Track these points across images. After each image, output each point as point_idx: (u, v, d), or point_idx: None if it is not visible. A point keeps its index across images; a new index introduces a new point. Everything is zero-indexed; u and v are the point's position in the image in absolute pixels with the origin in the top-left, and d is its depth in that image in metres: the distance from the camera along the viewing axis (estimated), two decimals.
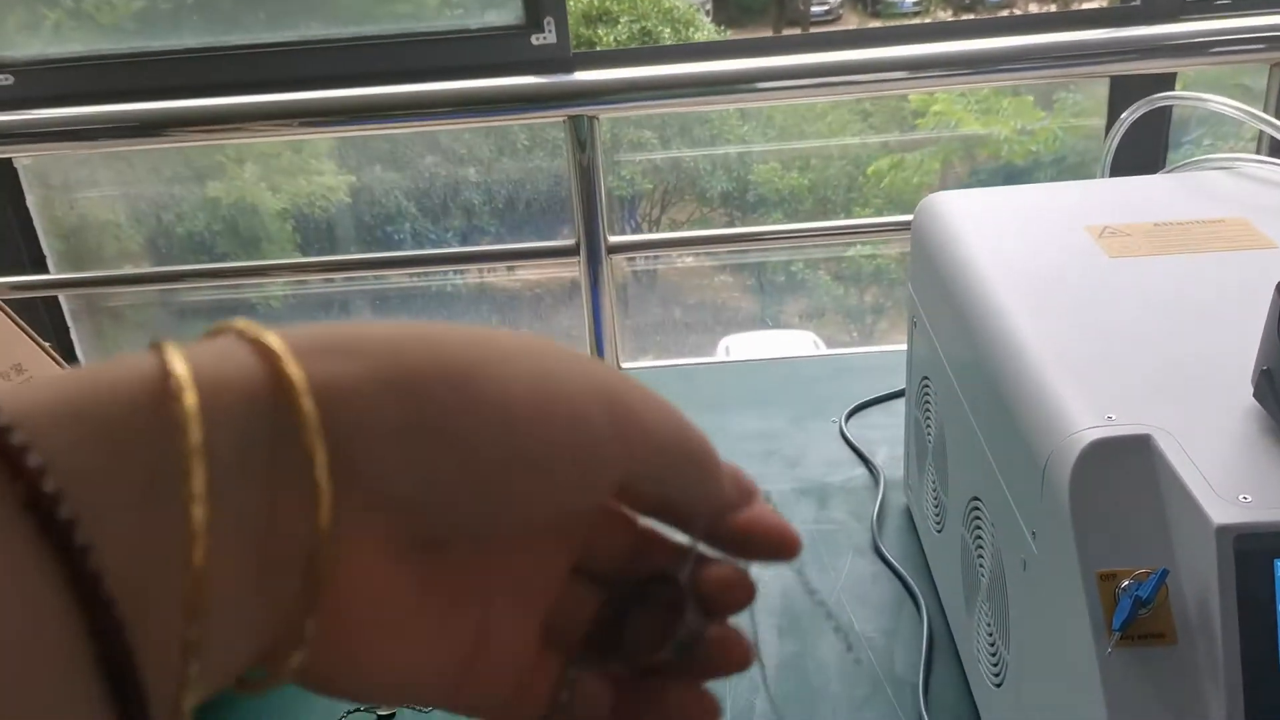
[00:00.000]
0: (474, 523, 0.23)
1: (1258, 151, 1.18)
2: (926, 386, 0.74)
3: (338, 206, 2.64)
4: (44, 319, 1.53)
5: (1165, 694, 0.41)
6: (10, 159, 1.46)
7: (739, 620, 0.29)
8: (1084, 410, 0.47)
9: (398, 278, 2.57)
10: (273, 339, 0.21)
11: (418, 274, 2.52)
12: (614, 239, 1.39)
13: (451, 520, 0.22)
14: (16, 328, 0.88)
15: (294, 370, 0.21)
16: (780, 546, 0.29)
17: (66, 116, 1.33)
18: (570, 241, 1.40)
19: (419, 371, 0.22)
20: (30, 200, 1.52)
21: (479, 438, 0.22)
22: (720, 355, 3.08)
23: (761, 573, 0.80)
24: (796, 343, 3.34)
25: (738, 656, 0.28)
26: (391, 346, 0.22)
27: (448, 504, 0.22)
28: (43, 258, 1.52)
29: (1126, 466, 0.45)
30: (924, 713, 0.65)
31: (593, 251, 1.38)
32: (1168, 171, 0.78)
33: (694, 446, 0.27)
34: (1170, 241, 0.62)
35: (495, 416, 0.22)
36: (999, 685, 0.59)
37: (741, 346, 3.24)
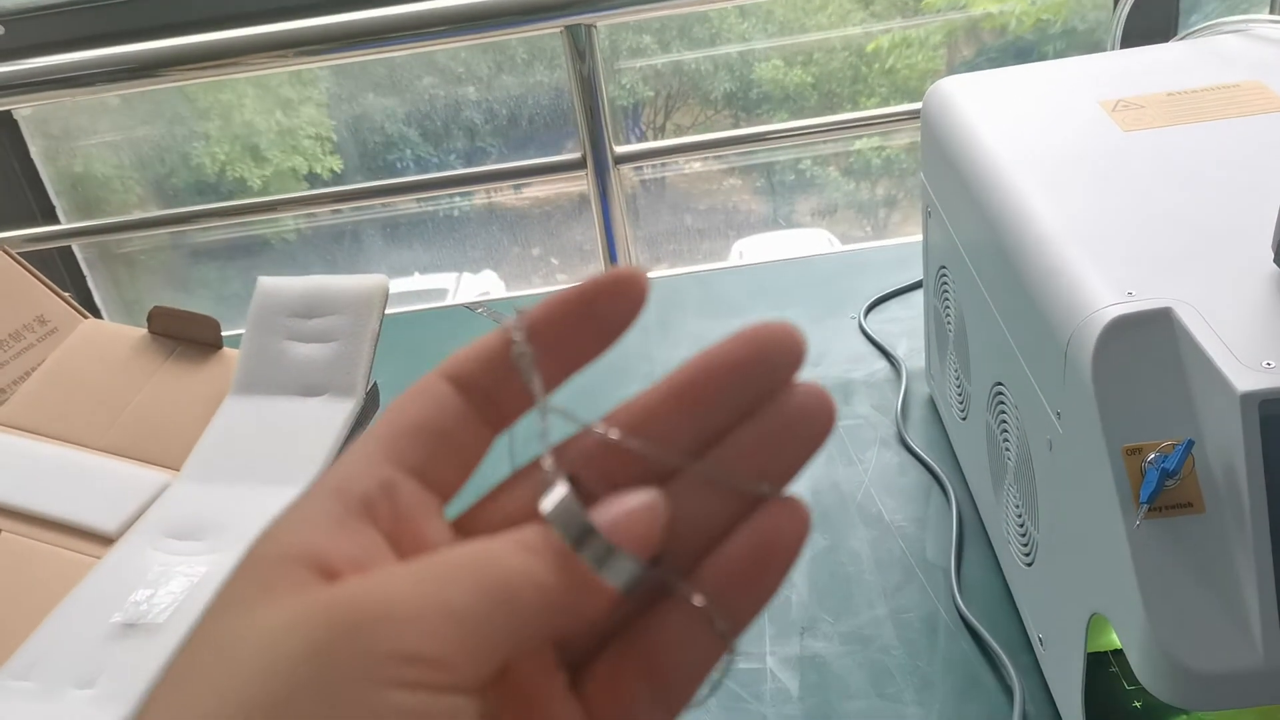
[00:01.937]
0: None
1: (1271, 11, 1.15)
2: (944, 275, 0.73)
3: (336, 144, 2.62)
4: (60, 270, 1.54)
5: (1195, 562, 0.42)
6: (10, 111, 1.45)
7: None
8: (1104, 287, 0.47)
9: (406, 204, 2.55)
10: None
11: (426, 199, 2.51)
12: (620, 149, 1.38)
13: None
14: (36, 280, 0.89)
15: None
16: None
17: (62, 64, 1.32)
18: (576, 155, 1.38)
19: None
20: (34, 151, 1.52)
21: None
22: (734, 259, 3.07)
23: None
24: (810, 242, 3.31)
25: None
26: None
27: None
28: (52, 208, 1.51)
29: (1149, 341, 0.45)
30: (956, 595, 0.66)
31: (599, 163, 1.37)
32: (1180, 38, 0.76)
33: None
34: (1185, 111, 0.61)
35: None
36: (1030, 565, 0.60)
37: (755, 249, 3.22)
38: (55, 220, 1.51)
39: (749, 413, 0.24)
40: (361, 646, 0.18)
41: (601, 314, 0.23)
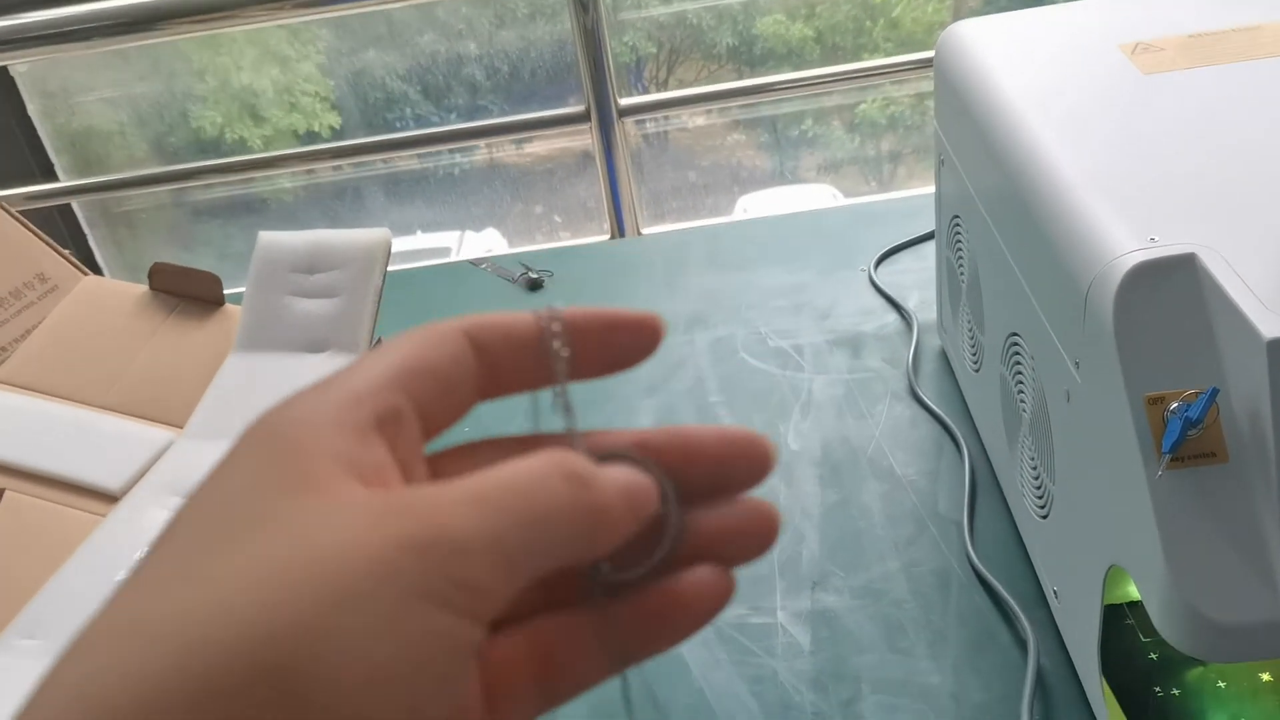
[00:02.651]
0: None
1: None
2: (957, 225, 0.72)
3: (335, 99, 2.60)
4: (60, 228, 1.52)
5: (1218, 513, 0.41)
6: (6, 67, 1.43)
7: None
8: (1125, 233, 0.46)
9: (408, 162, 2.53)
10: None
11: (427, 155, 2.49)
12: (625, 101, 1.36)
13: None
14: (35, 237, 0.87)
15: None
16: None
17: (57, 18, 1.30)
18: (580, 108, 1.37)
19: (222, 682, 0.17)
20: (31, 109, 1.50)
21: None
22: (739, 215, 3.05)
23: (798, 425, 0.80)
24: (815, 197, 3.29)
25: (760, 535, 0.25)
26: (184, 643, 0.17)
27: None
28: (51, 166, 1.50)
29: (1172, 288, 0.44)
30: (969, 548, 0.66)
31: (604, 116, 1.35)
32: None
33: (541, 512, 0.21)
34: (1207, 52, 0.60)
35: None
36: (1045, 517, 0.59)
37: (759, 204, 3.20)
38: (54, 178, 1.50)
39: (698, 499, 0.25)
40: (433, 568, 0.18)
41: (623, 344, 0.25)
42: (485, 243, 3.01)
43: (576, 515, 0.21)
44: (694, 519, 0.25)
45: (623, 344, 0.25)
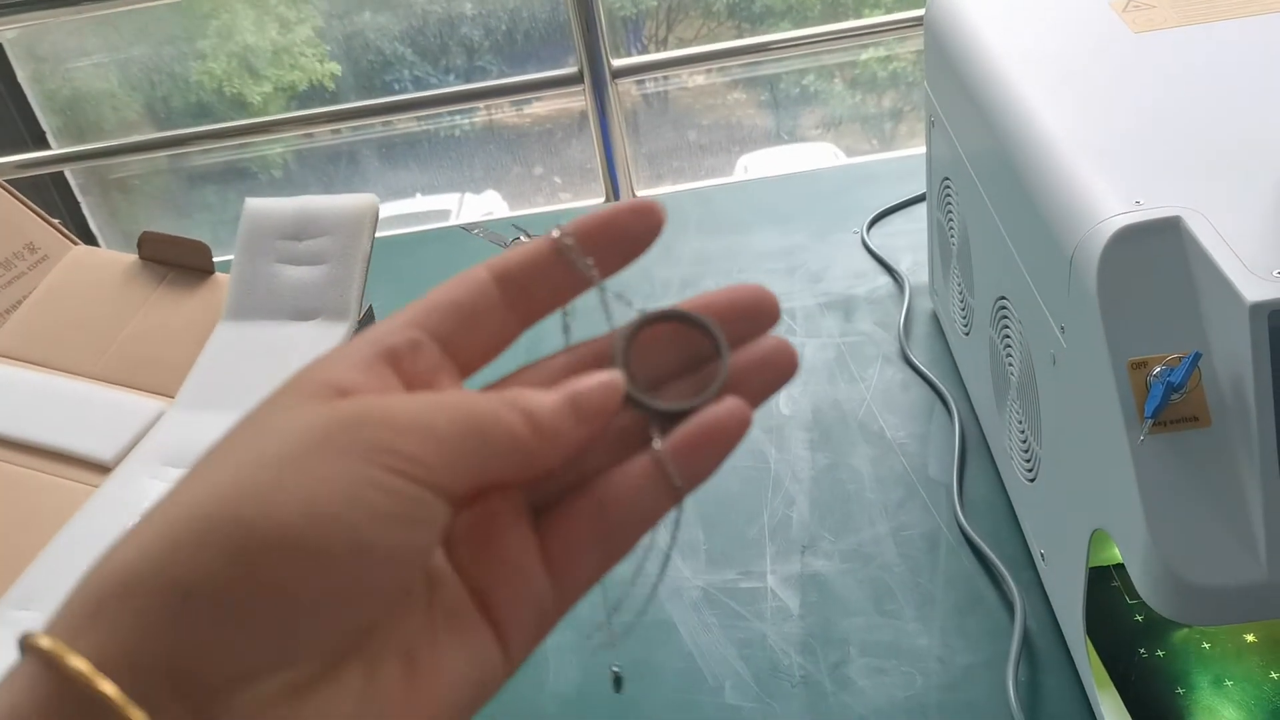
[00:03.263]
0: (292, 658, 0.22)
1: None
2: (948, 187, 0.72)
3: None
4: (53, 196, 1.52)
5: (1199, 476, 0.41)
6: None
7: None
8: (1111, 196, 0.46)
9: (404, 123, 2.52)
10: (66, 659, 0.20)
11: (424, 117, 2.47)
12: (617, 62, 1.34)
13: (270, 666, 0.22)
14: (24, 206, 0.87)
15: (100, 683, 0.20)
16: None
17: None
18: (573, 69, 1.35)
19: (190, 534, 0.21)
20: (21, 75, 1.49)
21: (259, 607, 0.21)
22: (739, 175, 3.03)
23: (790, 389, 0.80)
24: (816, 155, 3.27)
25: (781, 367, 0.29)
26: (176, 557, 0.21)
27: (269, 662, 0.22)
28: (43, 134, 1.49)
29: (1156, 251, 0.43)
30: (958, 511, 0.66)
31: (596, 77, 1.34)
32: None
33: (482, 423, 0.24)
34: (1198, 10, 0.59)
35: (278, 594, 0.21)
36: (1032, 480, 0.59)
37: (760, 164, 3.18)
38: (46, 146, 1.49)
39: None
40: (360, 435, 0.23)
41: (628, 232, 0.28)
42: (485, 205, 3.00)
43: (510, 435, 0.24)
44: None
45: (628, 233, 0.28)
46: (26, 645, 0.21)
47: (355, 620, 0.23)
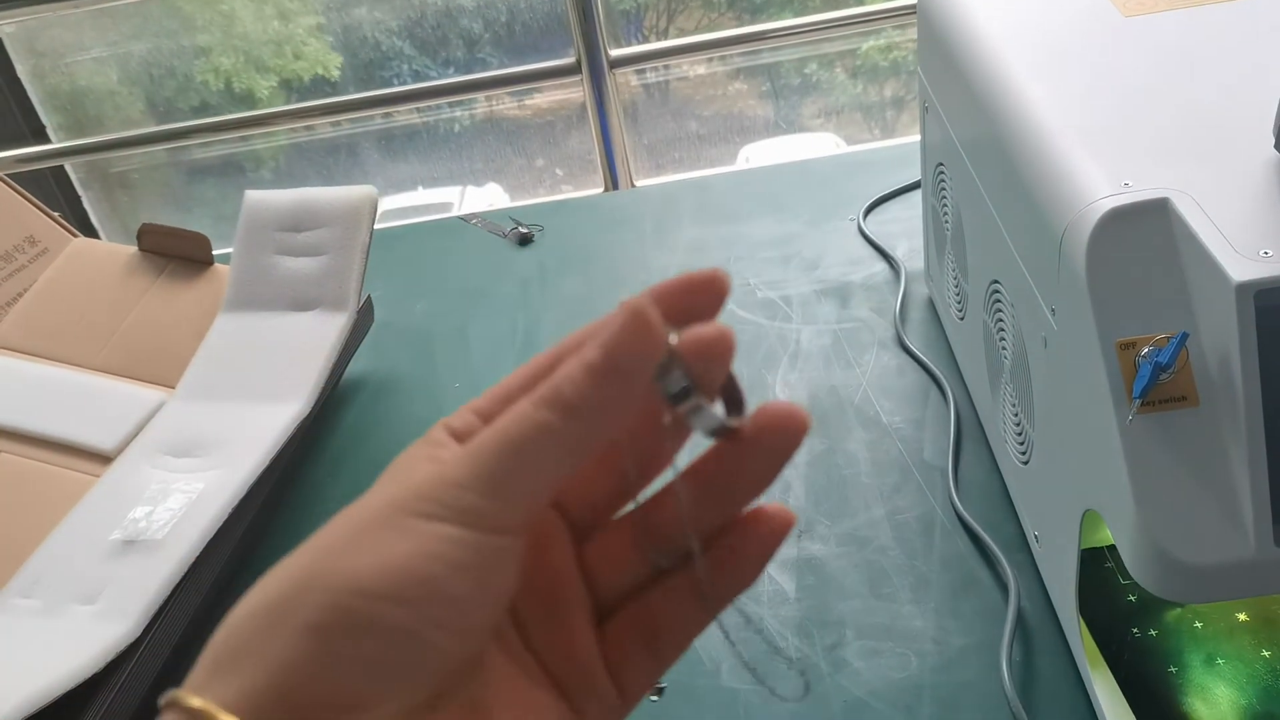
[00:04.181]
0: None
1: None
2: (942, 173, 0.72)
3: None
4: (54, 190, 1.52)
5: (1188, 455, 0.42)
6: None
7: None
8: (1099, 179, 0.46)
9: (404, 116, 2.51)
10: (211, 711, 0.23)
11: (425, 110, 2.47)
12: (615, 53, 1.35)
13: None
14: (24, 199, 0.88)
15: None
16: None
17: None
18: (570, 60, 1.35)
19: (288, 591, 0.24)
20: (21, 70, 1.49)
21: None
22: (740, 165, 3.03)
23: (786, 375, 0.81)
24: (818, 145, 3.26)
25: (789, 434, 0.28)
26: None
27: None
28: (43, 128, 1.49)
29: (1145, 233, 0.44)
30: (954, 495, 0.66)
31: (594, 68, 1.34)
32: None
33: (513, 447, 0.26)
34: None
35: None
36: (1026, 463, 0.60)
37: (762, 154, 3.17)
38: (46, 140, 1.49)
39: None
40: (428, 497, 0.25)
41: (692, 304, 0.27)
42: (487, 197, 3.00)
43: (541, 432, 0.25)
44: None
45: (687, 307, 0.27)
46: (174, 706, 0.23)
47: (449, 655, 0.25)
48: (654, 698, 0.30)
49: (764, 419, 0.27)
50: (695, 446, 0.28)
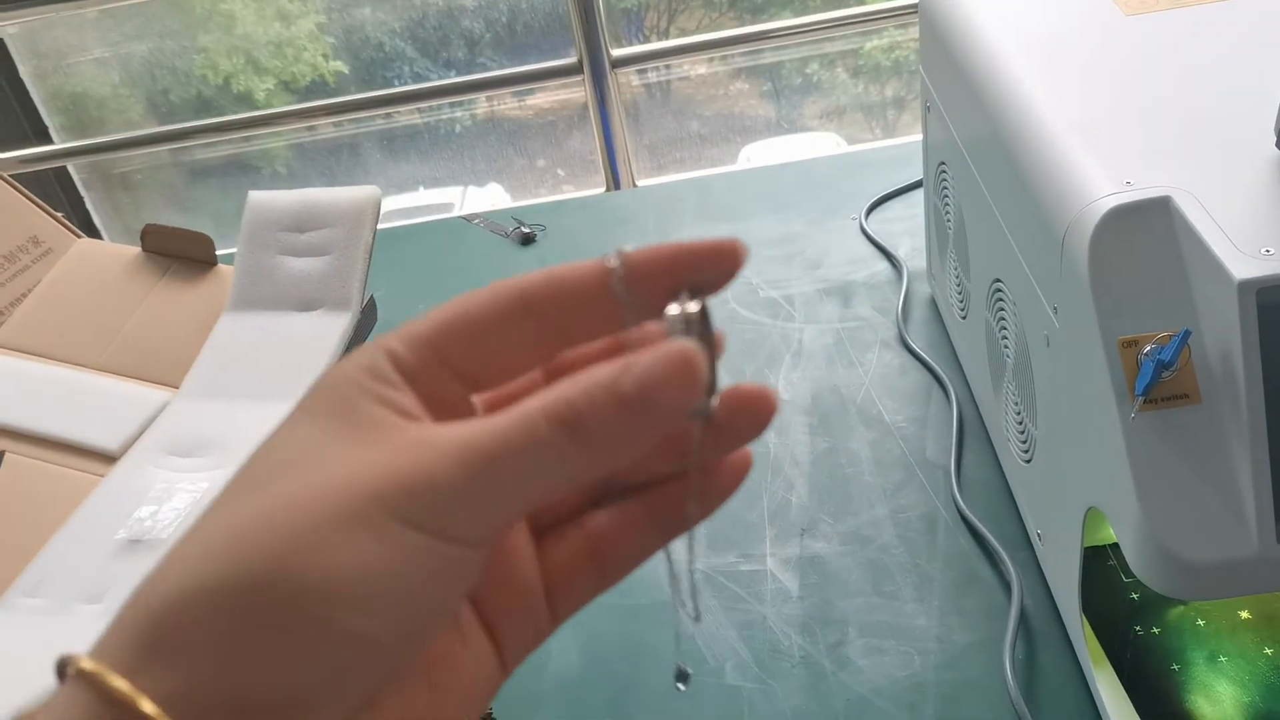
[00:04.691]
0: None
1: None
2: (944, 172, 0.72)
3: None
4: (56, 191, 1.52)
5: (1190, 453, 0.42)
6: None
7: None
8: (1101, 177, 0.46)
9: (405, 117, 2.52)
10: (115, 683, 0.21)
11: (426, 110, 2.47)
12: (617, 52, 1.35)
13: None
14: (27, 200, 0.88)
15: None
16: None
17: None
18: (572, 60, 1.36)
19: (238, 582, 0.21)
20: (24, 71, 1.50)
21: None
22: (742, 165, 3.03)
23: (789, 375, 0.81)
24: (819, 145, 3.26)
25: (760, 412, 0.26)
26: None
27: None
28: (45, 129, 1.50)
29: (1146, 231, 0.44)
30: (956, 493, 0.66)
31: (596, 68, 1.34)
32: None
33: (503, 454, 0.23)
34: None
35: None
36: (1028, 461, 0.60)
37: (763, 154, 3.17)
38: (49, 141, 1.50)
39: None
40: (411, 502, 0.22)
41: (699, 275, 0.25)
42: (488, 198, 3.00)
43: (557, 452, 0.23)
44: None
45: (692, 280, 0.25)
46: (68, 668, 0.21)
47: (407, 659, 0.23)
48: (682, 686, 0.28)
49: (735, 401, 0.25)
50: None
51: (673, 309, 0.24)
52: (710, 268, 0.25)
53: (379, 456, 0.23)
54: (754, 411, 0.25)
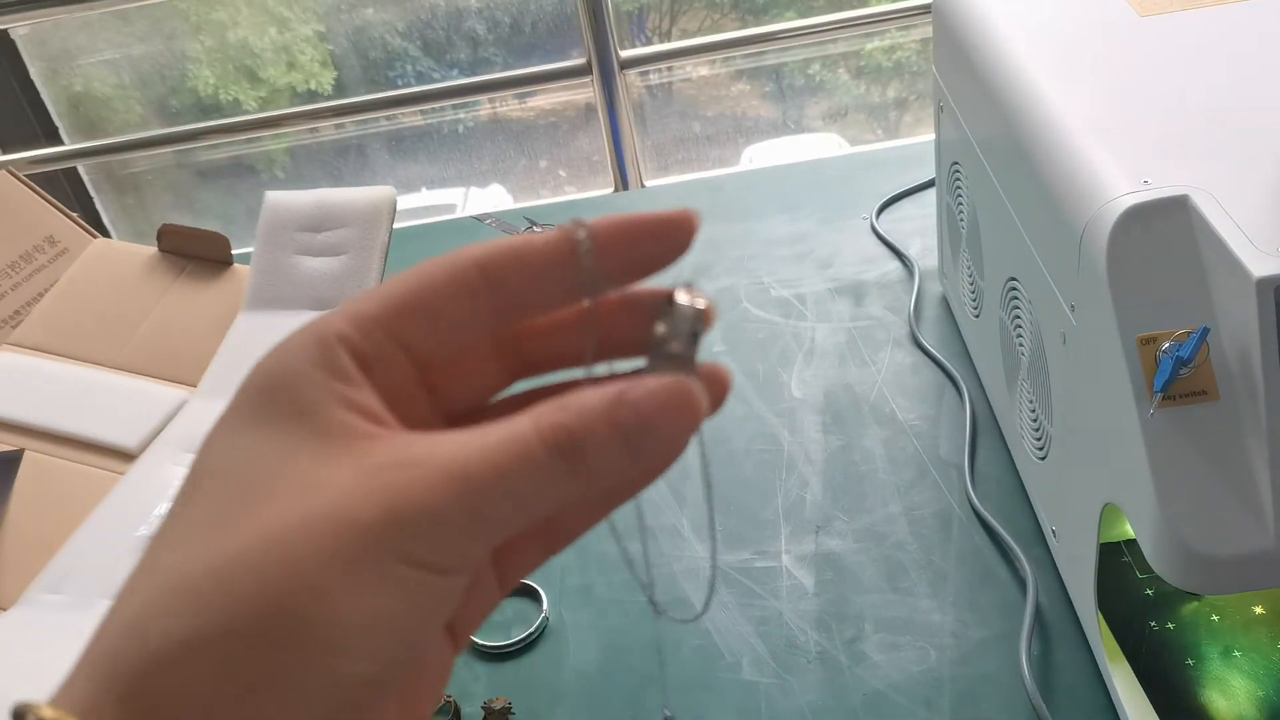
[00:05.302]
0: None
1: None
2: (957, 171, 0.73)
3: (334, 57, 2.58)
4: (67, 191, 1.53)
5: (1208, 449, 0.42)
6: (7, 30, 1.43)
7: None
8: (1119, 176, 0.46)
9: (411, 118, 2.52)
10: None
11: (430, 112, 2.48)
12: (626, 54, 1.35)
13: None
14: (43, 200, 0.88)
15: None
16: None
17: None
18: (581, 61, 1.36)
19: (244, 626, 0.20)
20: (33, 72, 1.50)
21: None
22: (744, 166, 3.03)
23: (801, 373, 0.81)
24: (821, 146, 3.27)
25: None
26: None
27: None
28: (55, 130, 1.50)
29: (1164, 229, 0.44)
30: (970, 490, 0.67)
31: (605, 69, 1.34)
32: None
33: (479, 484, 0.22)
34: None
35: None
36: (1043, 458, 0.60)
37: (765, 155, 3.17)
38: (59, 141, 1.50)
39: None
40: (407, 536, 0.21)
41: (656, 243, 0.25)
42: (490, 198, 3.01)
43: (552, 480, 0.22)
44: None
45: (651, 248, 0.25)
46: (27, 716, 0.20)
47: (392, 684, 0.23)
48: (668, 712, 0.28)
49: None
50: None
51: (659, 327, 0.24)
52: (665, 237, 0.25)
53: (364, 482, 0.21)
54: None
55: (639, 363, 0.25)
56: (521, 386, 0.27)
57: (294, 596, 0.20)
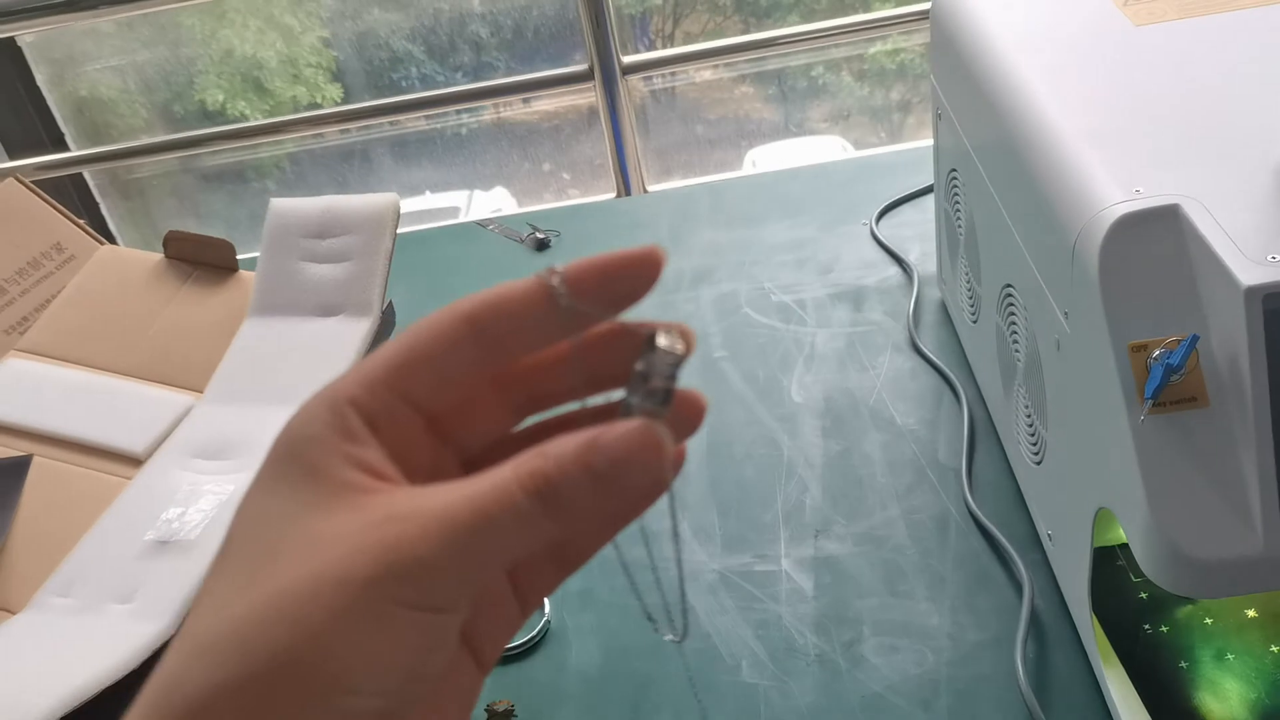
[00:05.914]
0: None
1: None
2: (954, 178, 0.73)
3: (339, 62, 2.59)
4: (73, 197, 1.54)
5: (1198, 454, 0.43)
6: (13, 38, 1.44)
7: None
8: (1111, 185, 0.47)
9: (415, 123, 2.54)
10: None
11: (434, 116, 2.49)
12: (628, 59, 1.36)
13: None
14: (50, 207, 0.89)
15: None
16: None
17: None
18: (583, 66, 1.37)
19: (263, 677, 0.23)
20: (39, 78, 1.51)
21: None
22: (747, 169, 3.04)
23: (801, 378, 0.82)
24: (824, 148, 3.27)
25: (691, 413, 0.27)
26: None
27: None
28: (61, 136, 1.51)
29: (1155, 238, 0.45)
30: (967, 495, 0.68)
31: (607, 74, 1.35)
32: None
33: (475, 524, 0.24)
34: (1198, 3, 0.60)
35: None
36: (1039, 463, 0.61)
37: (768, 157, 3.18)
38: (65, 148, 1.51)
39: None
40: (406, 586, 0.23)
41: (626, 281, 0.26)
42: (494, 202, 3.02)
43: (532, 522, 0.24)
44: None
45: (622, 285, 0.26)
46: None
47: (402, 713, 0.25)
48: None
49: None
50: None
51: (639, 365, 0.25)
52: (635, 273, 0.26)
53: (363, 536, 0.24)
54: (686, 417, 0.27)
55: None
56: (531, 420, 0.29)
57: (300, 649, 0.23)
